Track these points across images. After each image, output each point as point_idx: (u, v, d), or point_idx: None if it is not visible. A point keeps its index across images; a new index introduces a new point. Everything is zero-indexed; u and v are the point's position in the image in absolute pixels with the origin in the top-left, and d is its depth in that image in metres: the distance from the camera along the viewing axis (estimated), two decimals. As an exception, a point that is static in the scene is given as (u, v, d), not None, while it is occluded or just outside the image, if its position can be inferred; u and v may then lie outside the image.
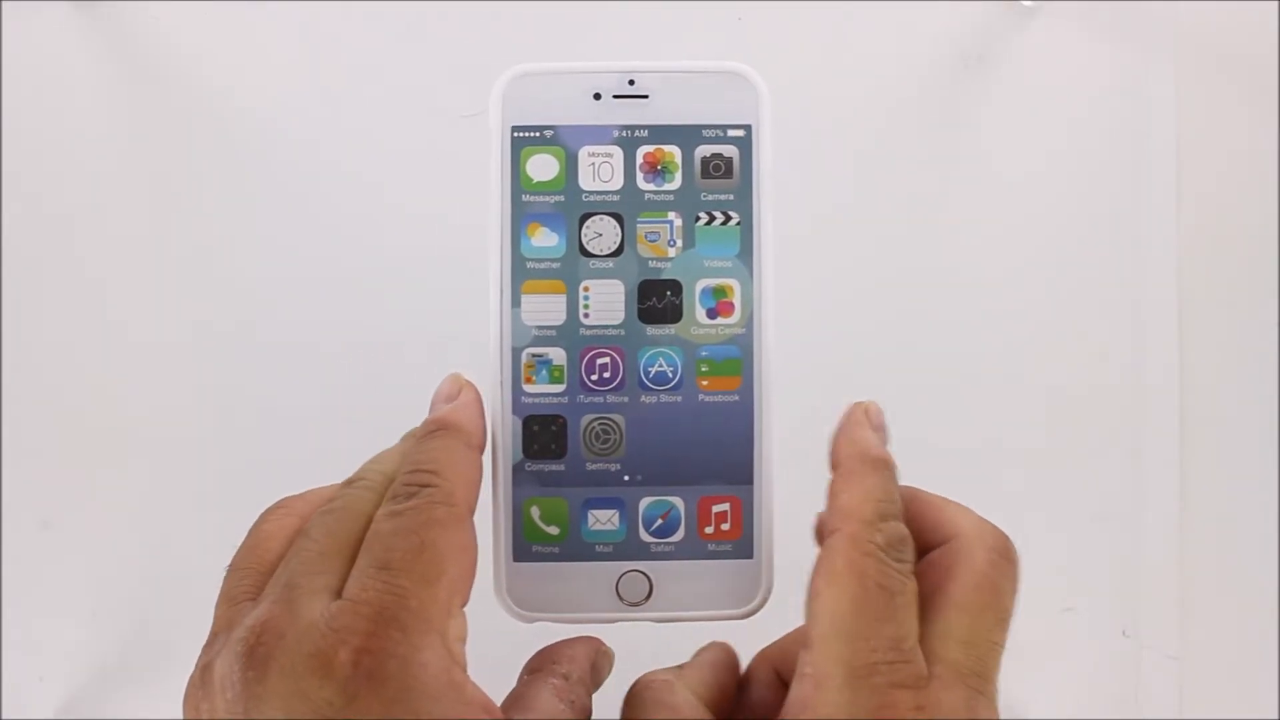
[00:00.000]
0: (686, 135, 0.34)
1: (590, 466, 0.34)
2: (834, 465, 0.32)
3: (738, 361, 0.35)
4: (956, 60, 0.45)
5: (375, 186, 0.44)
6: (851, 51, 0.44)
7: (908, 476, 0.43)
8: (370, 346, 0.43)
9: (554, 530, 0.34)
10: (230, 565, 0.29)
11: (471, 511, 0.29)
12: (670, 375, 0.34)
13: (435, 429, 0.31)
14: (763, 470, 0.35)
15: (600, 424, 0.34)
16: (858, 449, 0.31)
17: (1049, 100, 0.45)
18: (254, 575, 0.29)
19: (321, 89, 0.44)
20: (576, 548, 0.34)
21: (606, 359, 0.34)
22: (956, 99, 0.45)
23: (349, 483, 0.30)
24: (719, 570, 0.34)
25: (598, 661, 0.33)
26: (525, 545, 0.34)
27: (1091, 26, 0.45)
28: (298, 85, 0.45)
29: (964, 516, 0.31)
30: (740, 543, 0.35)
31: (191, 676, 0.26)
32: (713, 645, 0.34)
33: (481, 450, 0.31)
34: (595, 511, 0.34)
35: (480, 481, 0.30)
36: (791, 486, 0.38)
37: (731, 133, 0.35)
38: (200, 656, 0.27)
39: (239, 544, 0.29)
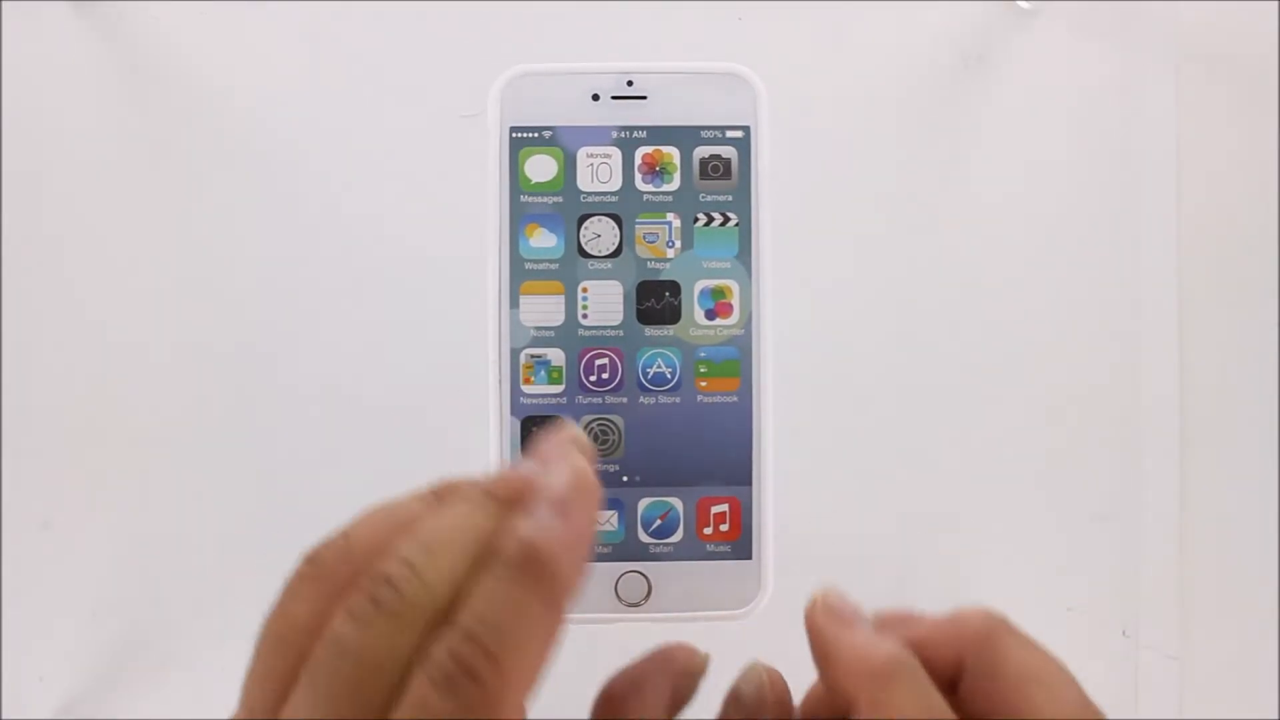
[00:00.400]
0: (685, 136, 0.34)
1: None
2: (846, 700, 0.24)
3: (735, 363, 0.35)
4: (956, 60, 0.45)
5: (374, 186, 0.44)
6: (851, 51, 0.44)
7: (909, 478, 0.43)
8: (369, 347, 0.43)
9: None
10: (256, 650, 0.23)
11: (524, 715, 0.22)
12: (669, 376, 0.34)
13: (525, 565, 0.21)
14: (762, 471, 0.35)
15: (599, 425, 0.34)
16: (861, 665, 0.24)
17: (1049, 100, 0.45)
18: (278, 683, 0.23)
19: (321, 89, 0.44)
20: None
21: (605, 360, 0.34)
22: (956, 99, 0.45)
23: (372, 593, 0.21)
24: (718, 571, 0.34)
25: (680, 685, 0.28)
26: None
27: (1091, 27, 0.45)
28: (297, 85, 0.45)
29: (1049, 704, 0.23)
30: (739, 543, 0.35)
31: None
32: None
33: (570, 599, 0.22)
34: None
35: (551, 653, 0.22)
36: (790, 487, 0.38)
37: (730, 134, 0.35)
38: None
39: (267, 609, 0.24)
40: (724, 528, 0.35)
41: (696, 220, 0.35)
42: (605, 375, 0.34)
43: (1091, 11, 0.45)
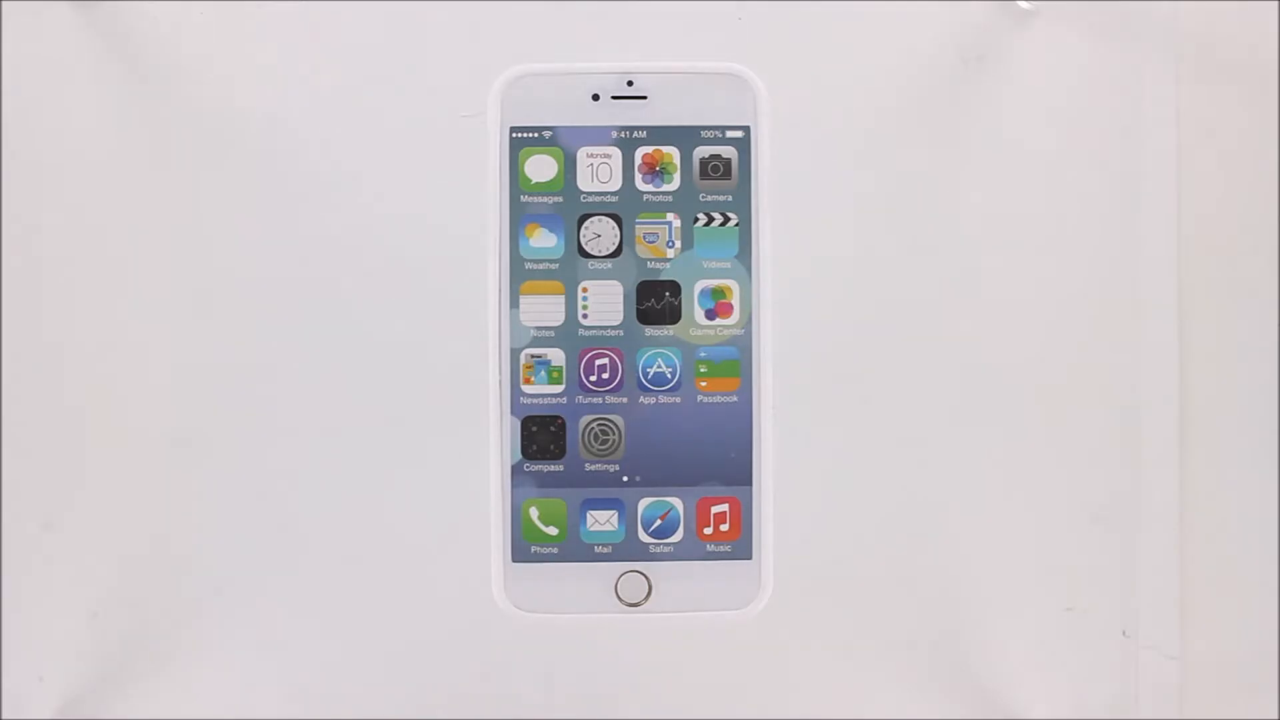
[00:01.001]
0: (685, 136, 0.34)
1: (589, 467, 0.34)
2: None
3: (735, 363, 0.35)
4: (956, 60, 0.45)
5: (373, 186, 0.44)
6: (851, 51, 0.44)
7: (908, 478, 0.43)
8: (369, 347, 0.43)
9: (553, 531, 0.34)
10: None
11: None
12: (669, 376, 0.34)
13: None
14: (762, 471, 0.35)
15: (599, 425, 0.34)
16: None
17: (1049, 100, 0.45)
18: None
19: (321, 89, 0.44)
20: (575, 548, 0.34)
21: (605, 360, 0.34)
22: (956, 99, 0.45)
23: None
24: (718, 571, 0.34)
25: None
26: (524, 546, 0.34)
27: (1091, 27, 0.45)
28: (297, 85, 0.45)
29: None
30: (739, 543, 0.35)
31: None
32: None
33: None
34: (594, 512, 0.34)
35: None
36: (790, 487, 0.38)
37: (730, 133, 0.35)
38: None
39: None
40: (724, 527, 0.35)
41: (696, 220, 0.35)
42: (605, 375, 0.34)
43: (1091, 11, 0.45)
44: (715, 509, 0.35)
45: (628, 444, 0.34)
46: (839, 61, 0.44)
